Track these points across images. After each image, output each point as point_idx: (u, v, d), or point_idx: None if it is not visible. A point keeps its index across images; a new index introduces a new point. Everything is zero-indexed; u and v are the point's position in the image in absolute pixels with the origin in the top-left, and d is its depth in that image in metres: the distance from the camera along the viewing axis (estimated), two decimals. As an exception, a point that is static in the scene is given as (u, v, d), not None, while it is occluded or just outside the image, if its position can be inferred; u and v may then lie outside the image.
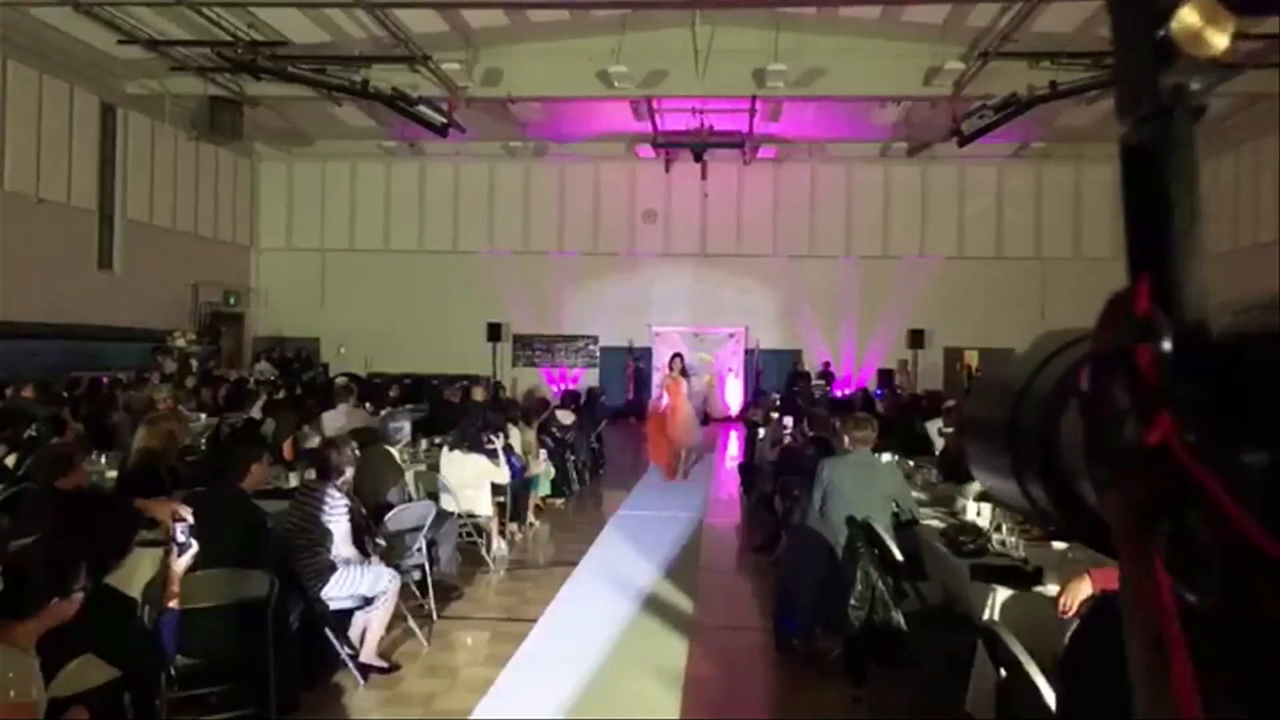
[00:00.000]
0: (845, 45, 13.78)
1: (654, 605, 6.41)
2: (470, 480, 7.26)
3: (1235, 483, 0.38)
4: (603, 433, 12.80)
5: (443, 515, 6.41)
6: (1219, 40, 0.42)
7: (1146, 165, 0.44)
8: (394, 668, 5.11)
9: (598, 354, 21.16)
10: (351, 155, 20.59)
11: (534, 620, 6.02)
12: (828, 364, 19.78)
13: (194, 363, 16.49)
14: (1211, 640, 0.39)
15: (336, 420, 8.68)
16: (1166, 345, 0.41)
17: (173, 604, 3.60)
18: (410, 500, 6.28)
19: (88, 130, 15.51)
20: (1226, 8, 0.41)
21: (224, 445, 6.79)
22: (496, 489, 7.51)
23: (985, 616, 3.78)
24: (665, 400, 12.03)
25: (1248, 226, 17.25)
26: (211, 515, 4.08)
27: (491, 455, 7.39)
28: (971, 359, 20.26)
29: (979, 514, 4.90)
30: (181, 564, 3.61)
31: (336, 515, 4.99)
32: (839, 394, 16.19)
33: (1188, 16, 0.41)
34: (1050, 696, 2.65)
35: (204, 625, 3.96)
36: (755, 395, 17.75)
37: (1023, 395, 0.54)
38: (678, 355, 12.63)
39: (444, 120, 14.87)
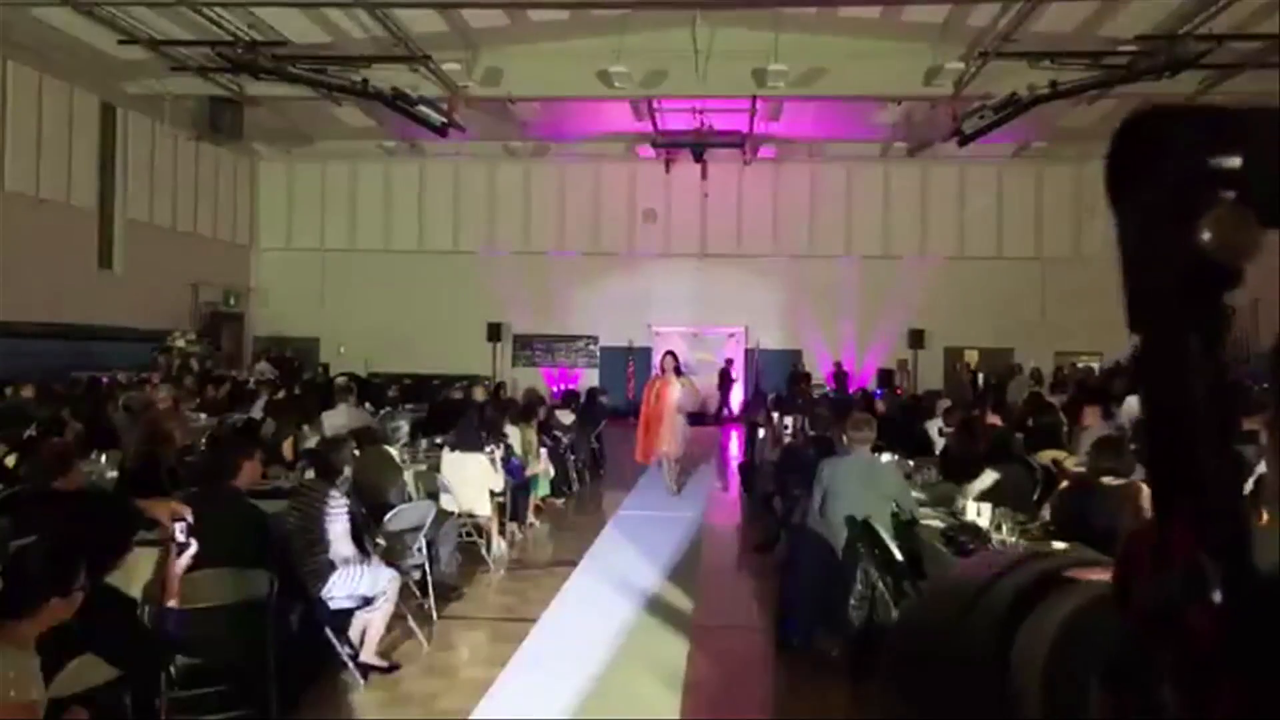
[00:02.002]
0: (845, 45, 13.77)
1: (654, 605, 6.41)
2: (471, 480, 7.26)
3: None
4: (603, 433, 12.78)
5: (443, 515, 6.41)
6: (1253, 246, 0.40)
7: (1178, 379, 0.40)
8: (394, 668, 5.10)
9: (598, 354, 21.15)
10: (351, 155, 20.58)
11: (534, 620, 6.02)
12: (839, 364, 19.75)
13: (194, 363, 16.48)
14: None
15: (336, 420, 8.68)
16: (1217, 597, 0.37)
17: (172, 603, 3.60)
18: (410, 500, 6.28)
19: (88, 130, 15.51)
20: (1259, 221, 0.40)
21: (217, 444, 6.65)
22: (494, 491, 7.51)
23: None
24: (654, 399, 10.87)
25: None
26: (208, 514, 4.07)
27: (490, 460, 7.39)
28: (971, 359, 20.26)
29: (979, 514, 4.90)
30: (181, 563, 3.61)
31: (336, 515, 4.99)
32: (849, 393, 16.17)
33: (1217, 230, 0.39)
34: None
35: (204, 625, 3.95)
36: (755, 395, 17.75)
37: (975, 607, 0.51)
38: (669, 353, 11.30)
39: (444, 120, 14.86)
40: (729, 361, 20.23)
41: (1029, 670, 0.47)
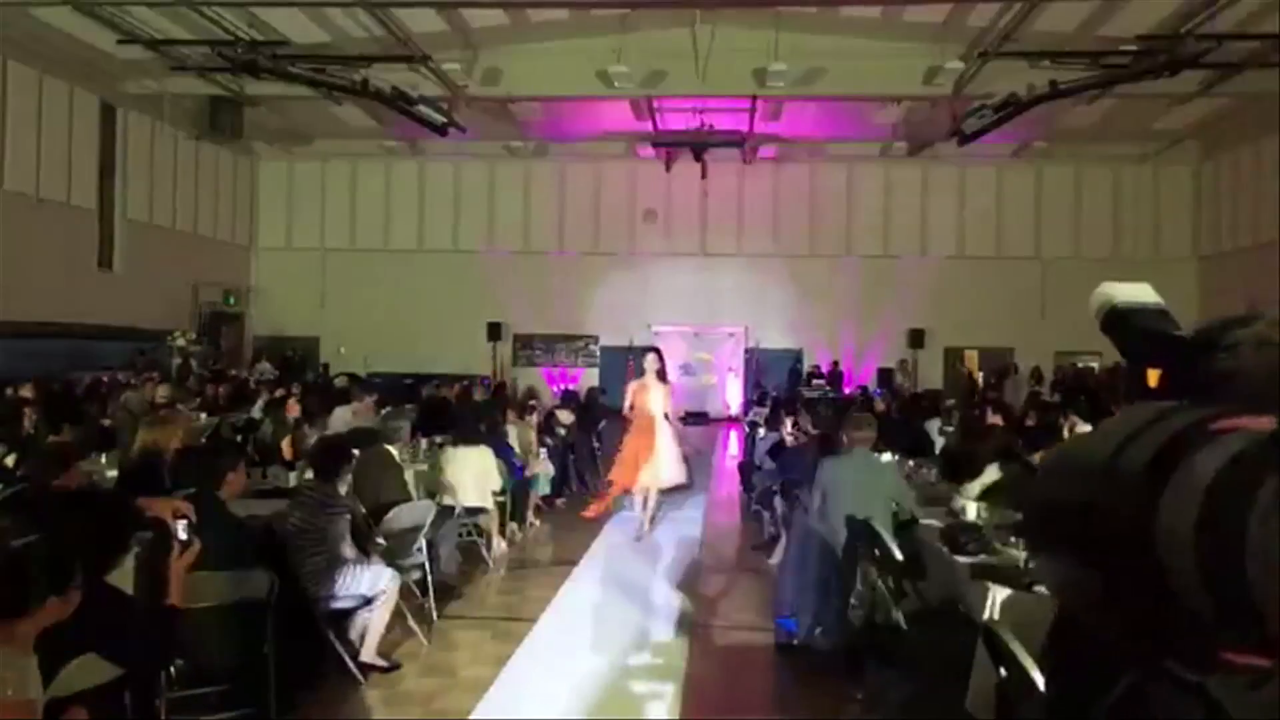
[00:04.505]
0: (845, 45, 13.77)
1: (654, 605, 6.40)
2: (472, 475, 7.25)
3: None
4: (603, 432, 12.76)
5: (444, 513, 6.40)
6: None
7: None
8: (394, 667, 5.10)
9: (598, 354, 21.16)
10: (351, 155, 20.59)
11: (534, 620, 6.01)
12: (835, 364, 19.79)
13: (194, 363, 16.45)
14: None
15: (343, 418, 8.69)
16: None
17: (173, 602, 3.58)
18: (410, 500, 6.27)
19: (88, 130, 15.50)
20: None
21: (203, 451, 6.46)
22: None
23: (985, 616, 3.77)
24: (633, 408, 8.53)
25: (1247, 227, 17.24)
26: (198, 520, 4.05)
27: (495, 451, 7.38)
28: (971, 359, 20.27)
29: (979, 514, 4.90)
30: (185, 562, 3.60)
31: (336, 515, 4.99)
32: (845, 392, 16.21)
33: None
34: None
35: (203, 626, 3.95)
36: (755, 395, 17.74)
37: (1108, 475, 0.52)
38: (653, 351, 8.78)
39: (444, 120, 14.86)
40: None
41: (1180, 520, 0.47)
